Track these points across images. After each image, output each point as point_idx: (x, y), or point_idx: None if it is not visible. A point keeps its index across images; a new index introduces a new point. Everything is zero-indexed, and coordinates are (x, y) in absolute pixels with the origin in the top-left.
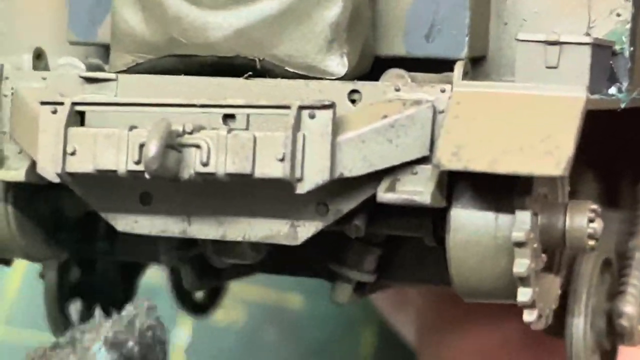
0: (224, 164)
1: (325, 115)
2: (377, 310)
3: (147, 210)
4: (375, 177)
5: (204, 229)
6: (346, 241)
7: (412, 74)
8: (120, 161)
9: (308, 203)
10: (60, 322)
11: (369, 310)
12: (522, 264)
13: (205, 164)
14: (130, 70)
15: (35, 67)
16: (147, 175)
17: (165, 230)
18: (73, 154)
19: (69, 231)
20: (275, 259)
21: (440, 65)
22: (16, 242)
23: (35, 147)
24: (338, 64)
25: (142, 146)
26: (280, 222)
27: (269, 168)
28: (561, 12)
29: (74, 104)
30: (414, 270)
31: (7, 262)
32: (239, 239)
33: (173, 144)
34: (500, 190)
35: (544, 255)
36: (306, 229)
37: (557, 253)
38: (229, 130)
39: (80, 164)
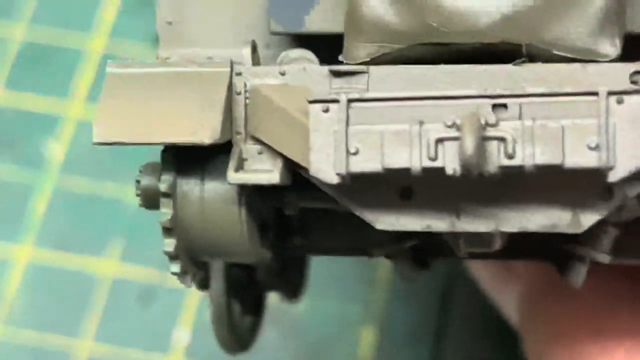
0: (532, 156)
1: (635, 101)
2: (377, 310)
3: (408, 205)
4: None
5: (475, 222)
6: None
7: None
8: (414, 159)
9: (593, 189)
10: (227, 324)
11: (369, 310)
12: None
13: (511, 157)
14: (373, 61)
15: (253, 60)
16: (449, 173)
17: (431, 225)
18: (356, 153)
19: (274, 230)
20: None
21: None
22: (243, 245)
23: (297, 148)
24: (611, 44)
25: (438, 141)
26: (561, 209)
27: (582, 157)
28: None
29: (350, 100)
30: None
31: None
32: (515, 230)
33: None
34: None
35: None
36: (590, 216)
37: None
38: (534, 120)
39: (366, 164)
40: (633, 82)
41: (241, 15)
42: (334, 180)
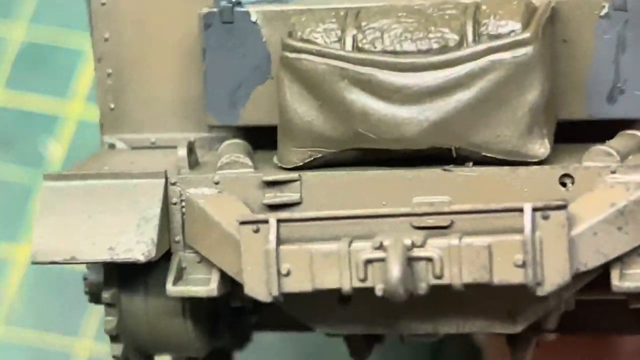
0: (459, 275)
1: (560, 215)
2: None
3: (347, 311)
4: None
5: (414, 326)
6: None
7: (615, 146)
8: (344, 280)
9: (527, 294)
10: None
11: None
12: None
13: (439, 277)
14: (307, 165)
15: (190, 162)
16: (379, 294)
17: (369, 329)
18: (287, 274)
19: (226, 319)
20: None
21: (620, 125)
22: (193, 346)
23: (231, 263)
24: (540, 146)
25: (367, 262)
26: (498, 313)
27: (509, 275)
28: None
29: (280, 221)
30: (595, 322)
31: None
32: (452, 332)
33: (405, 260)
34: None
35: None
36: (525, 318)
37: None
38: (460, 238)
39: (298, 285)
40: (562, 184)
41: (182, 99)
42: (268, 299)
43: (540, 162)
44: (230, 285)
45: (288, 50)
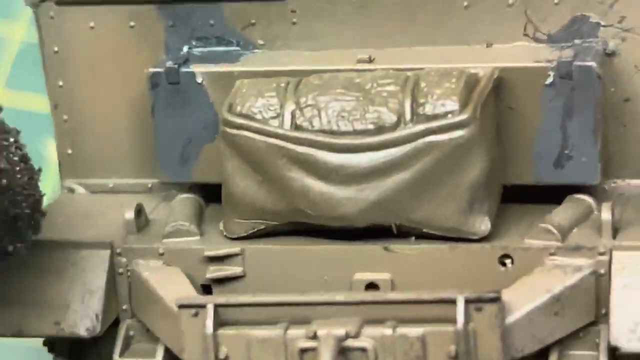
0: None
1: (493, 307)
2: None
3: None
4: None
5: None
6: None
7: (556, 221)
8: None
9: None
10: None
11: None
12: None
13: None
14: (250, 236)
15: (138, 225)
16: None
17: None
18: (225, 359)
19: None
20: None
21: (568, 187)
22: None
23: (173, 339)
24: (480, 223)
25: (302, 351)
26: None
27: None
28: None
29: (218, 306)
30: None
31: None
32: None
33: (339, 350)
34: None
35: None
36: None
37: None
38: (394, 329)
39: None
40: (502, 264)
41: (139, 145)
42: None
43: (482, 239)
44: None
45: (228, 126)
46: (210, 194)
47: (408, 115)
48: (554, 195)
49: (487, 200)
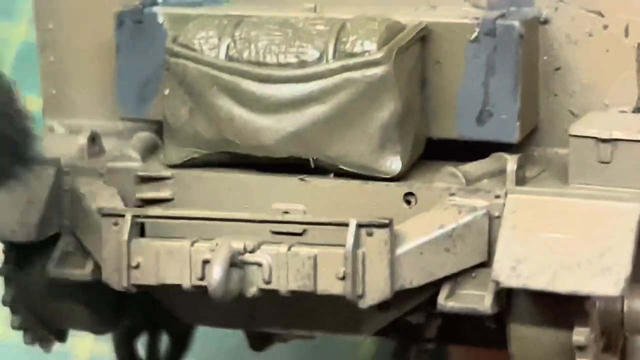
0: (285, 281)
1: (383, 233)
2: None
3: (209, 304)
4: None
5: (268, 325)
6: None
7: (466, 169)
8: (185, 276)
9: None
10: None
11: None
12: None
13: (267, 282)
14: (185, 164)
15: (90, 151)
16: (212, 294)
17: (229, 323)
18: (137, 267)
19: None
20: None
21: (491, 145)
22: (89, 323)
23: (99, 252)
24: (392, 163)
25: (205, 262)
26: (344, 318)
27: (331, 286)
28: (610, 83)
29: (135, 216)
30: (473, 333)
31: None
32: (304, 334)
33: (236, 262)
34: (559, 304)
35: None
36: (370, 325)
37: (614, 333)
38: (289, 247)
39: (145, 278)
40: (407, 202)
41: (114, 91)
42: (120, 288)
43: (393, 179)
44: None
45: (169, 54)
46: None
47: (330, 53)
48: (480, 155)
49: (399, 142)
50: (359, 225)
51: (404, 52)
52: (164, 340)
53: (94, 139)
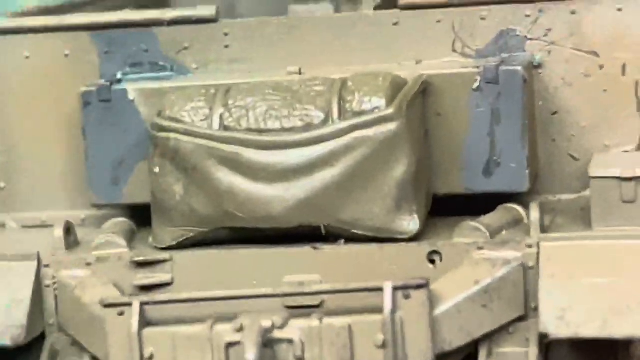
0: (320, 356)
1: (421, 294)
2: None
3: None
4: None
5: None
6: None
7: (485, 222)
8: None
9: None
10: None
11: None
12: None
13: (300, 358)
14: (179, 245)
15: (66, 243)
16: None
17: None
18: (150, 358)
19: None
20: None
21: (499, 198)
22: None
23: (100, 346)
24: (409, 222)
25: (229, 345)
26: None
27: (370, 355)
28: (610, 124)
29: (143, 304)
30: None
31: None
32: None
33: (266, 341)
34: (603, 351)
35: None
36: None
37: None
38: (321, 319)
39: None
40: (431, 261)
41: (72, 176)
42: None
43: (411, 239)
44: None
45: (156, 129)
46: (144, 219)
47: (336, 113)
48: (486, 209)
49: (415, 200)
50: (395, 288)
51: (411, 106)
52: None
53: (68, 229)
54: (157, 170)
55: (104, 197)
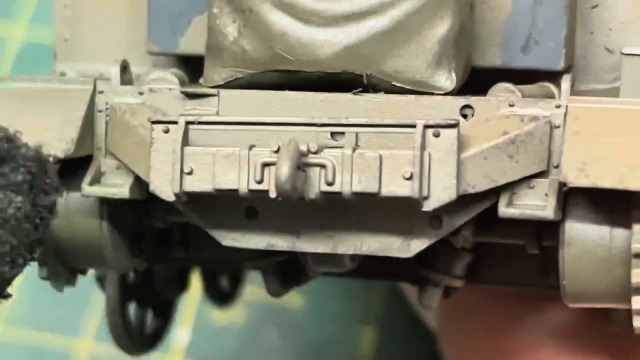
0: (349, 183)
1: (450, 134)
2: (377, 310)
3: (253, 224)
4: (492, 191)
5: (314, 243)
6: (436, 247)
7: (519, 86)
8: (242, 181)
9: (422, 217)
10: (121, 326)
11: (369, 310)
12: None
13: (330, 184)
14: (228, 85)
15: (122, 79)
16: (272, 196)
17: (272, 244)
18: (190, 173)
19: (150, 241)
20: (364, 265)
21: (534, 76)
22: (109, 255)
23: (143, 165)
24: (447, 78)
25: (264, 165)
26: (393, 235)
27: (396, 186)
28: None
29: (188, 123)
30: (501, 273)
31: (84, 271)
32: (350, 252)
33: (299, 164)
34: (616, 204)
35: None
36: (419, 242)
37: None
38: (354, 149)
39: (199, 184)
40: (463, 115)
41: (133, 32)
42: (171, 197)
43: (446, 95)
44: (145, 192)
45: None
46: (195, 73)
47: None
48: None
49: (454, 59)
50: (426, 126)
51: None
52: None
53: (125, 67)
54: (215, 10)
55: (161, 45)
